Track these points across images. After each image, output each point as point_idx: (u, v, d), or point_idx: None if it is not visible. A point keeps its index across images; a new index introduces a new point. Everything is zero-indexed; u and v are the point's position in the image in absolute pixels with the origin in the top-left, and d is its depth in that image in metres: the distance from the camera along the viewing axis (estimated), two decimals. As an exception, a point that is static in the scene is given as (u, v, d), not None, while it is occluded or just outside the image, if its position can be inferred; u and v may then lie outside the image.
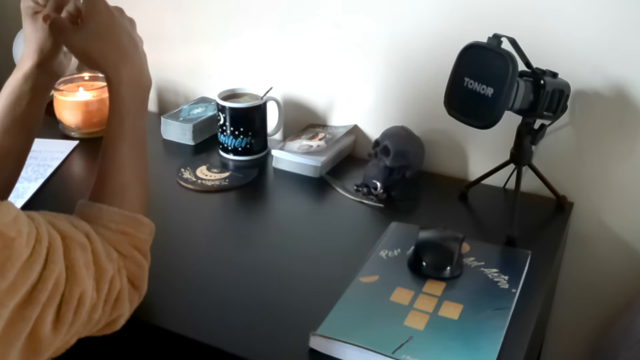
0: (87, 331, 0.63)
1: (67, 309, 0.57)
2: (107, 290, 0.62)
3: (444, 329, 0.71)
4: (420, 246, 0.82)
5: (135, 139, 0.73)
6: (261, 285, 0.81)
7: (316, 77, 1.17)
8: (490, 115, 0.82)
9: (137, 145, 0.73)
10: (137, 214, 0.71)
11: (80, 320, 0.59)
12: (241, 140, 1.11)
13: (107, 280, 0.62)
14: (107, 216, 0.68)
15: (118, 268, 0.65)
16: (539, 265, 0.85)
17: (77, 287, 0.58)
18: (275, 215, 0.99)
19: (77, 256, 0.59)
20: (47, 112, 1.28)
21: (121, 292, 0.64)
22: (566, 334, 1.14)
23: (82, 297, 0.58)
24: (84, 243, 0.61)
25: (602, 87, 0.95)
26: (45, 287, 0.54)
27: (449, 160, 1.11)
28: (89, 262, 0.60)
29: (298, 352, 0.70)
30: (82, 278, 0.58)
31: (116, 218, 0.69)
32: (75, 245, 0.59)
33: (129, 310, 0.67)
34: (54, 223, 0.60)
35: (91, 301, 0.60)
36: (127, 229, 0.69)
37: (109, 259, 0.64)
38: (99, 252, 0.62)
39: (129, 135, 0.72)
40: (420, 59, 1.06)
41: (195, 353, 0.73)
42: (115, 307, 0.64)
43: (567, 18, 0.94)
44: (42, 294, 0.54)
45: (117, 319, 0.66)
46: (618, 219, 1.02)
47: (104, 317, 0.63)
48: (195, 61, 1.28)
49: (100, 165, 0.71)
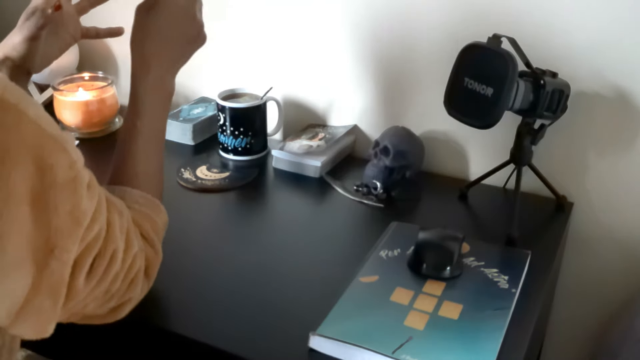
0: (101, 304, 0.62)
1: (100, 263, 0.57)
2: (129, 264, 0.62)
3: (443, 329, 0.71)
4: (420, 246, 0.82)
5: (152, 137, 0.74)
6: (261, 285, 0.81)
7: (316, 77, 1.17)
8: (490, 115, 0.82)
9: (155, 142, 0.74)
10: (155, 198, 0.72)
11: (106, 282, 0.59)
12: (241, 140, 1.12)
13: (132, 254, 0.63)
14: (131, 197, 0.69)
15: (140, 248, 0.66)
16: (539, 265, 0.85)
17: (112, 244, 0.58)
18: (275, 215, 0.99)
19: (115, 218, 0.60)
20: (47, 112, 1.28)
21: (138, 273, 0.65)
22: (566, 334, 1.14)
23: (114, 256, 0.59)
24: (121, 211, 0.62)
25: (602, 87, 0.95)
26: (92, 228, 0.55)
27: (449, 160, 1.11)
28: (123, 228, 0.61)
29: (298, 352, 0.70)
30: (116, 237, 0.59)
31: (139, 199, 0.70)
32: (113, 209, 0.60)
33: (138, 297, 0.67)
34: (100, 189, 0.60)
35: (117, 267, 0.60)
36: (148, 211, 0.70)
37: (136, 236, 0.65)
38: (130, 224, 0.64)
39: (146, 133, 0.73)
40: (421, 59, 1.06)
41: (195, 353, 0.73)
42: (130, 287, 0.64)
43: (567, 18, 0.94)
44: (89, 233, 0.54)
45: (125, 303, 0.66)
46: (618, 219, 1.02)
47: (118, 293, 0.63)
48: (195, 61, 1.27)
49: (118, 156, 0.73)
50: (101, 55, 1.37)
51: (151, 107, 0.73)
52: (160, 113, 0.75)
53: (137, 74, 0.73)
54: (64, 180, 0.51)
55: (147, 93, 0.73)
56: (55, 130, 0.52)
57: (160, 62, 0.74)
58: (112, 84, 1.23)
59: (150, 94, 0.73)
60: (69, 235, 0.52)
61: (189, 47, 0.77)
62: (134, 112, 0.73)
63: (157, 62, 0.73)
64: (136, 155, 0.72)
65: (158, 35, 0.73)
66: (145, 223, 0.69)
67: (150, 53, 0.73)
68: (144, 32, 0.73)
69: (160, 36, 0.73)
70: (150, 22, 0.73)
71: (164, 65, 0.74)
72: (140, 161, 0.72)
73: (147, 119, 0.73)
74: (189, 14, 0.76)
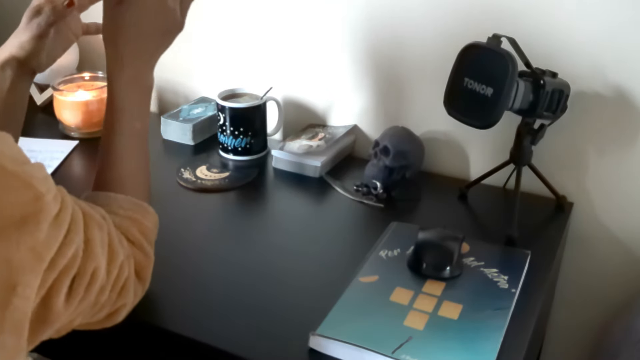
0: (91, 316, 0.62)
1: (80, 283, 0.56)
2: (116, 275, 0.62)
3: (443, 329, 0.71)
4: (420, 246, 0.82)
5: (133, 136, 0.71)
6: (261, 285, 0.81)
7: (316, 77, 1.17)
8: (490, 115, 0.82)
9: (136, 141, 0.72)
10: (142, 201, 0.71)
11: (89, 298, 0.59)
12: (241, 140, 1.12)
13: (117, 265, 0.62)
14: (115, 202, 0.68)
15: (127, 255, 0.65)
16: (538, 265, 0.85)
17: (92, 263, 0.58)
18: (275, 215, 0.99)
19: (95, 233, 0.59)
20: (47, 112, 1.28)
21: (128, 279, 0.64)
22: (566, 334, 1.14)
23: (95, 273, 0.58)
24: (101, 223, 0.61)
25: (602, 87, 0.95)
26: (64, 254, 0.54)
27: (449, 160, 1.11)
28: (104, 242, 0.61)
29: (298, 352, 0.70)
30: (97, 254, 0.58)
31: (124, 204, 0.69)
32: (93, 223, 0.59)
33: (132, 302, 0.67)
34: (75, 200, 0.60)
35: (101, 282, 0.59)
36: (135, 215, 0.69)
37: (121, 244, 0.64)
38: (112, 235, 0.63)
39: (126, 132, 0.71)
40: (421, 59, 1.06)
41: (194, 353, 0.73)
42: (120, 295, 0.64)
43: (567, 18, 0.94)
44: (61, 260, 0.53)
45: (119, 309, 0.66)
46: (618, 219, 1.02)
47: (109, 303, 0.63)
48: (195, 61, 1.28)
49: (100, 160, 0.71)
50: (101, 55, 1.36)
51: (129, 104, 0.70)
52: (139, 110, 0.72)
53: (111, 72, 0.70)
54: (26, 216, 0.50)
55: (123, 90, 0.70)
56: (19, 166, 0.50)
57: (135, 57, 0.70)
58: (112, 84, 1.23)
59: (127, 91, 0.70)
60: (31, 270, 0.50)
61: (164, 38, 0.73)
62: (112, 111, 0.70)
63: (131, 57, 0.70)
64: (118, 157, 0.70)
65: (130, 29, 0.69)
66: (132, 228, 0.68)
67: (123, 48, 0.69)
68: (116, 27, 0.69)
69: (133, 30, 0.69)
70: (120, 15, 0.69)
71: (139, 60, 0.71)
72: (123, 163, 0.70)
73: (125, 118, 0.70)
74: (162, 4, 0.71)
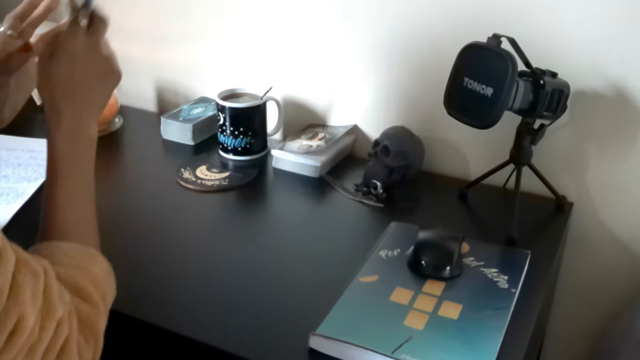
0: None
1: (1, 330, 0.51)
2: (52, 332, 0.55)
3: (443, 328, 0.71)
4: (420, 246, 0.82)
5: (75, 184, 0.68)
6: (261, 285, 0.81)
7: (316, 77, 1.17)
8: (490, 115, 0.82)
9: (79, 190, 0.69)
10: (90, 247, 0.66)
11: (15, 351, 0.52)
12: (241, 140, 1.12)
13: (55, 320, 0.56)
14: (60, 251, 0.64)
15: (69, 312, 0.58)
16: (538, 265, 0.85)
17: (15, 309, 0.52)
18: (275, 215, 0.99)
19: (25, 281, 0.53)
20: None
21: (69, 339, 0.57)
22: (566, 334, 1.14)
23: (20, 322, 0.52)
24: (37, 271, 0.55)
25: (602, 87, 0.95)
26: None
27: (449, 160, 1.11)
28: (38, 291, 0.55)
29: (298, 352, 0.70)
30: (23, 302, 0.52)
31: (69, 252, 0.64)
32: (26, 270, 0.54)
33: None
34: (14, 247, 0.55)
35: (31, 336, 0.53)
36: (83, 262, 0.64)
37: (61, 299, 0.57)
38: (51, 287, 0.57)
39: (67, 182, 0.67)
40: (420, 59, 1.06)
41: (195, 353, 0.73)
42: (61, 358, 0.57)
43: (567, 18, 0.94)
44: None
45: None
46: (618, 219, 1.02)
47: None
48: (195, 61, 1.28)
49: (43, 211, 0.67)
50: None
51: (70, 156, 0.68)
52: (82, 160, 0.69)
53: (50, 125, 0.68)
54: None
55: (63, 143, 0.68)
56: None
57: (74, 109, 0.68)
58: (112, 84, 1.23)
59: (67, 144, 0.68)
60: None
61: (102, 86, 0.72)
62: (53, 165, 0.67)
63: (69, 109, 0.68)
64: (61, 206, 0.66)
65: (65, 82, 0.68)
66: (78, 276, 0.62)
67: (60, 102, 0.68)
68: (50, 82, 0.68)
69: (68, 83, 0.68)
70: (53, 70, 0.68)
71: (78, 111, 0.69)
72: (66, 211, 0.66)
73: (68, 169, 0.67)
74: (93, 52, 0.70)
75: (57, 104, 0.68)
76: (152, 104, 1.37)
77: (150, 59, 1.33)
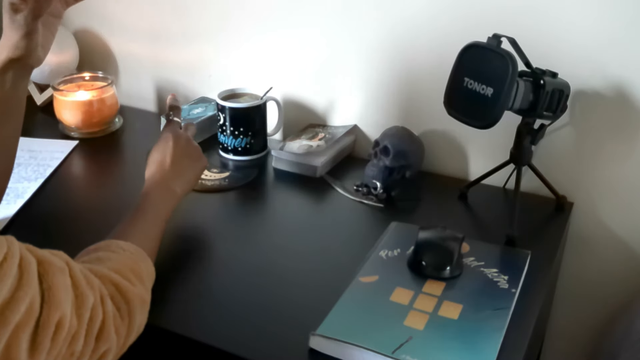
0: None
1: (44, 335, 0.53)
2: (88, 319, 0.58)
3: (443, 329, 0.71)
4: (420, 246, 0.82)
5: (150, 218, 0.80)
6: (261, 285, 0.81)
7: (316, 77, 1.17)
8: (490, 115, 0.82)
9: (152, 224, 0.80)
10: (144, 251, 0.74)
11: (58, 348, 0.55)
12: (241, 140, 1.12)
13: (88, 308, 0.59)
14: (116, 244, 0.71)
15: (101, 296, 0.62)
16: (538, 265, 0.85)
17: (56, 312, 0.54)
18: (275, 215, 0.99)
19: (57, 280, 0.56)
20: (47, 112, 1.28)
21: (105, 322, 0.61)
22: (566, 334, 1.14)
23: (61, 322, 0.55)
24: (62, 267, 0.58)
25: (602, 87, 0.95)
26: (17, 308, 0.51)
27: (449, 160, 1.11)
28: (67, 287, 0.57)
29: (298, 352, 0.70)
30: (60, 302, 0.55)
31: (125, 246, 0.71)
32: (53, 269, 0.57)
33: (118, 344, 0.63)
34: (30, 248, 0.57)
35: (71, 329, 0.56)
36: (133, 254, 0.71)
37: (89, 286, 0.60)
38: (77, 278, 0.59)
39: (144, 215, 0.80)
40: (420, 59, 1.06)
41: (195, 353, 0.73)
42: (100, 339, 0.60)
43: (567, 18, 0.94)
44: (14, 315, 0.51)
45: (105, 354, 0.62)
46: (618, 219, 1.02)
47: (87, 349, 0.59)
48: (195, 61, 1.28)
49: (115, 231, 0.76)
50: (101, 55, 1.37)
51: (156, 199, 0.83)
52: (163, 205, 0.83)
53: (151, 181, 0.85)
54: None
55: (156, 192, 0.84)
56: None
57: (172, 175, 0.86)
58: (112, 84, 1.23)
59: (158, 194, 0.84)
60: None
61: (193, 164, 0.91)
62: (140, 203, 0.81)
63: (168, 175, 0.86)
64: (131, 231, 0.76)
65: (169, 157, 0.88)
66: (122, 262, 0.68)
67: (173, 182, 0.86)
68: (160, 153, 0.89)
69: (171, 157, 0.88)
70: (161, 156, 0.88)
71: (172, 178, 0.86)
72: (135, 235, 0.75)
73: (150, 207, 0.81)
74: (188, 142, 0.92)
75: (160, 169, 0.86)
76: (152, 104, 1.37)
77: (151, 59, 1.33)
